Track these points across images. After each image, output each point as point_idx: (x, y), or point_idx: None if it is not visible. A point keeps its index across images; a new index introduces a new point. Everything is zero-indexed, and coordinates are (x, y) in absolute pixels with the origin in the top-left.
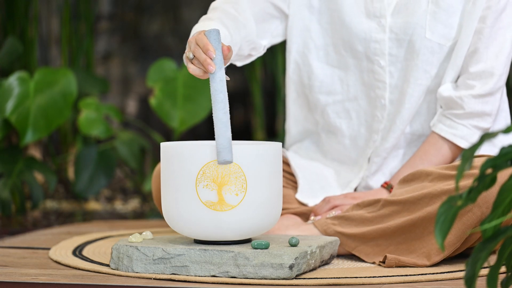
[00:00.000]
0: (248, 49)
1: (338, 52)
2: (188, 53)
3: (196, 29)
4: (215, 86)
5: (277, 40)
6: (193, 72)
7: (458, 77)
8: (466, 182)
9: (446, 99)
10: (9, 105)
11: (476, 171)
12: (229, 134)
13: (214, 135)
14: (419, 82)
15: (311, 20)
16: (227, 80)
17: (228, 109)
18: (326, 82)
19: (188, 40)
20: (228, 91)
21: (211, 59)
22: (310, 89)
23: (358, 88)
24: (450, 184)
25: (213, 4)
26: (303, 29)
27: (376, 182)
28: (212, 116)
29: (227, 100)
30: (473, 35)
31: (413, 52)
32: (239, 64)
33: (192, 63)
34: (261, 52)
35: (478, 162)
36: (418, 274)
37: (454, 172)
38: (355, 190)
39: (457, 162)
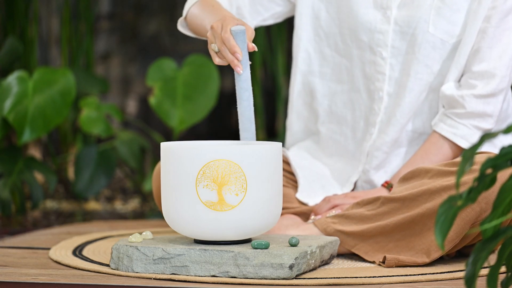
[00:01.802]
0: None
1: (345, 42)
2: (213, 46)
3: None
4: (241, 84)
5: (266, 23)
6: (218, 63)
7: (462, 76)
8: (466, 178)
9: (448, 97)
10: (7, 104)
11: (476, 167)
12: (253, 128)
13: (214, 135)
14: (420, 77)
15: (320, 8)
16: (250, 64)
17: (252, 105)
18: (336, 70)
19: (212, 25)
20: (228, 92)
21: (238, 60)
22: (321, 77)
23: (361, 80)
24: (449, 181)
25: None
26: (312, 17)
27: (379, 178)
28: (212, 116)
29: (252, 97)
30: (477, 34)
31: (414, 46)
32: None
33: (217, 56)
34: None
35: (478, 159)
36: (418, 274)
37: (453, 169)
38: (355, 184)
39: (457, 159)
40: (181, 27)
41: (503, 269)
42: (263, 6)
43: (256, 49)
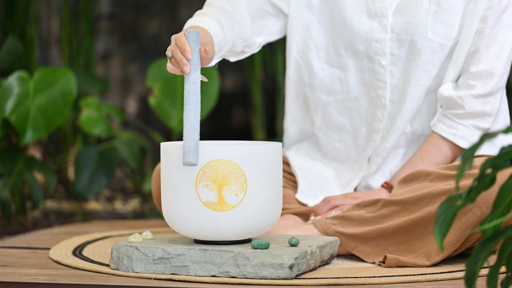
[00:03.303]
0: (241, 46)
1: (338, 52)
2: (167, 51)
3: (189, 23)
4: (188, 87)
5: (273, 38)
6: (170, 71)
7: (459, 77)
8: (466, 182)
9: (446, 99)
10: (9, 105)
11: (476, 171)
12: (197, 136)
13: (214, 135)
14: (420, 82)
15: (311, 19)
16: (204, 81)
17: (199, 111)
18: (326, 82)
19: (172, 36)
20: (228, 92)
21: (187, 59)
22: (311, 88)
23: (359, 88)
24: (450, 184)
25: (209, 0)
26: (303, 29)
27: (376, 181)
28: (212, 116)
29: (199, 102)
30: (474, 35)
31: (414, 52)
32: (232, 59)
33: (170, 61)
34: (255, 49)
35: (478, 162)
36: (418, 274)
37: (454, 172)
38: (355, 189)
39: (457, 162)
40: None
41: (503, 269)
42: (264, 19)
43: (207, 53)
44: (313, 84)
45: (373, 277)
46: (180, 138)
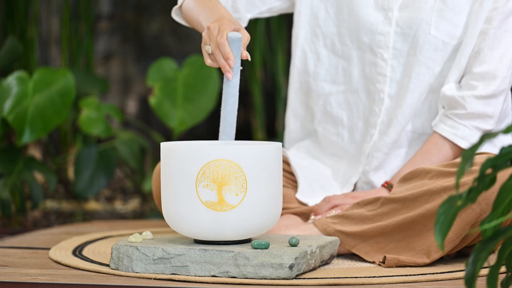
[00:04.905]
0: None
1: (344, 42)
2: (207, 48)
3: None
4: (229, 90)
5: (262, 16)
6: (210, 65)
7: (462, 77)
8: (466, 179)
9: (449, 98)
10: (7, 105)
11: (476, 168)
12: (233, 133)
13: (214, 136)
14: (421, 78)
15: (319, 7)
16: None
17: (236, 111)
18: (331, 71)
19: (209, 26)
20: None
21: (230, 66)
22: (315, 77)
23: (360, 81)
24: (449, 181)
25: None
26: (311, 16)
27: (378, 179)
28: (212, 116)
29: (237, 104)
30: (478, 36)
31: (416, 47)
32: None
33: (210, 57)
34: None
35: (478, 159)
36: (418, 274)
37: (453, 169)
38: (355, 185)
39: (457, 159)
40: (175, 15)
41: (503, 269)
42: (261, 0)
43: (249, 58)
44: (318, 72)
45: (373, 277)
46: (180, 138)
